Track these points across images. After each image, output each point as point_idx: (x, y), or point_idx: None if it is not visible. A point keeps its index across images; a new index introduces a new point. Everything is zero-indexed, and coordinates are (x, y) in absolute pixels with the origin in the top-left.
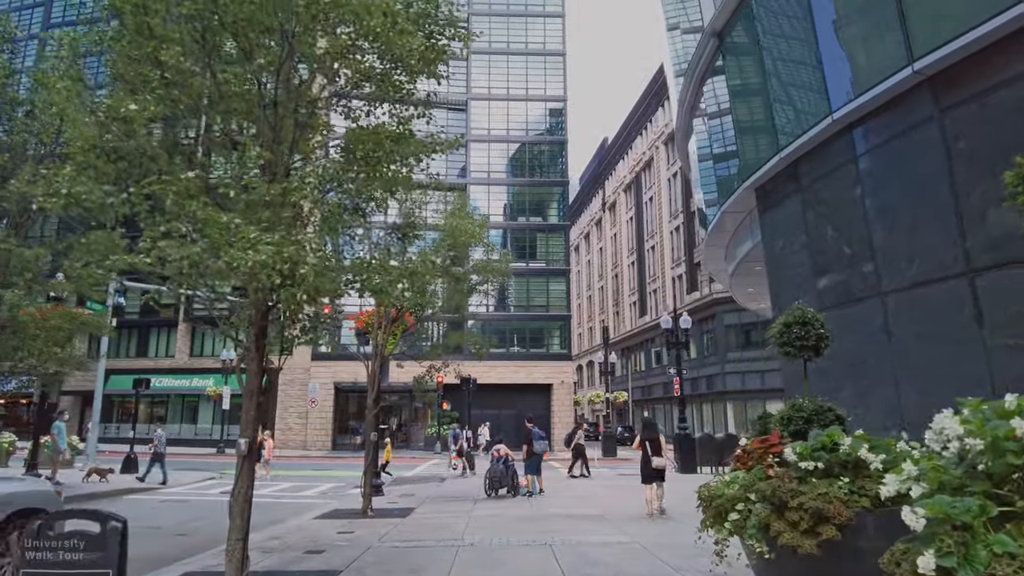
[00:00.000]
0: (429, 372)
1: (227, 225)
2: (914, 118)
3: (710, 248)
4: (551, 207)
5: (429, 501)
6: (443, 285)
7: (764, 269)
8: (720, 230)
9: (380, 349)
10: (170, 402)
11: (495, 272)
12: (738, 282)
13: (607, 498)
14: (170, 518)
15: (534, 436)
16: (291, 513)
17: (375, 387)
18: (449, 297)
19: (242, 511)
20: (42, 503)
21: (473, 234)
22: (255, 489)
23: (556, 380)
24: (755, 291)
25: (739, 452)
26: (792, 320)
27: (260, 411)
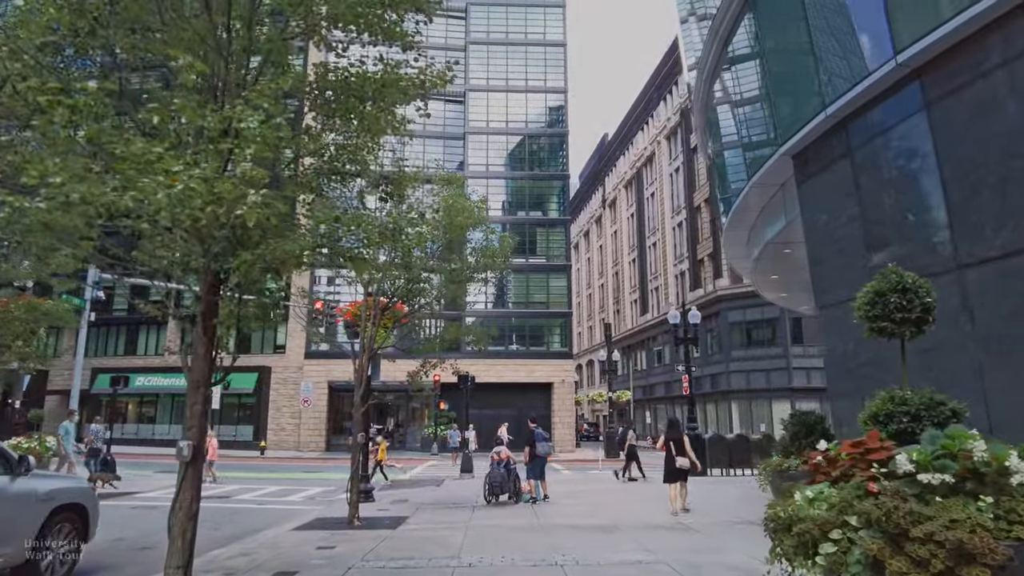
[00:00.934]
0: (424, 368)
1: (143, 156)
2: (1009, 51)
3: (732, 231)
4: (551, 201)
5: (424, 508)
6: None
7: (795, 251)
8: (745, 209)
9: (369, 342)
10: (159, 401)
11: (495, 257)
12: (762, 269)
13: (617, 505)
14: (139, 527)
15: (537, 437)
16: (272, 521)
17: (364, 383)
18: (445, 283)
19: (183, 531)
20: (81, 499)
21: (470, 214)
22: (244, 493)
23: (557, 379)
24: (781, 278)
25: (819, 458)
26: (888, 287)
27: (206, 405)
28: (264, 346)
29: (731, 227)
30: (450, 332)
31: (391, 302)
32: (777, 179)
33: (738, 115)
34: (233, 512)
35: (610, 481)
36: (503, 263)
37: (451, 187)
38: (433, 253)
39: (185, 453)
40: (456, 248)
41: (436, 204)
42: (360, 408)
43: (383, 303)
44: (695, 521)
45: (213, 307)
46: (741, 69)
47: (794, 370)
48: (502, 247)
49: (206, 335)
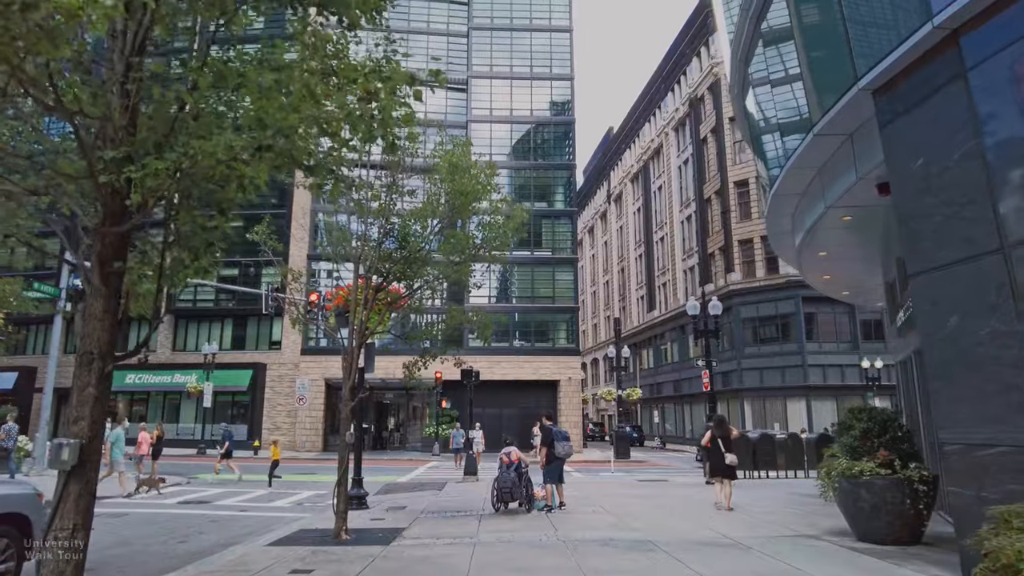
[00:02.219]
0: (423, 360)
1: None
2: None
3: (780, 198)
4: (557, 192)
5: (423, 518)
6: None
7: (860, 217)
8: (801, 167)
9: (360, 326)
10: (151, 399)
11: (506, 229)
12: (812, 245)
13: (645, 512)
14: (92, 541)
15: (556, 436)
16: (250, 531)
17: (353, 374)
18: (446, 257)
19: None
20: (23, 509)
21: (476, 180)
22: (228, 498)
23: (563, 376)
24: (836, 252)
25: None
26: None
27: (104, 388)
28: (259, 342)
29: (780, 194)
30: (452, 317)
31: (387, 277)
32: (846, 125)
33: (792, 55)
34: (209, 521)
35: (628, 484)
36: (513, 234)
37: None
38: (434, 228)
39: (65, 457)
40: (461, 215)
41: (436, 156)
42: (349, 402)
43: (376, 285)
44: (745, 535)
45: (116, 245)
46: None
47: (810, 367)
48: (513, 217)
49: (105, 286)
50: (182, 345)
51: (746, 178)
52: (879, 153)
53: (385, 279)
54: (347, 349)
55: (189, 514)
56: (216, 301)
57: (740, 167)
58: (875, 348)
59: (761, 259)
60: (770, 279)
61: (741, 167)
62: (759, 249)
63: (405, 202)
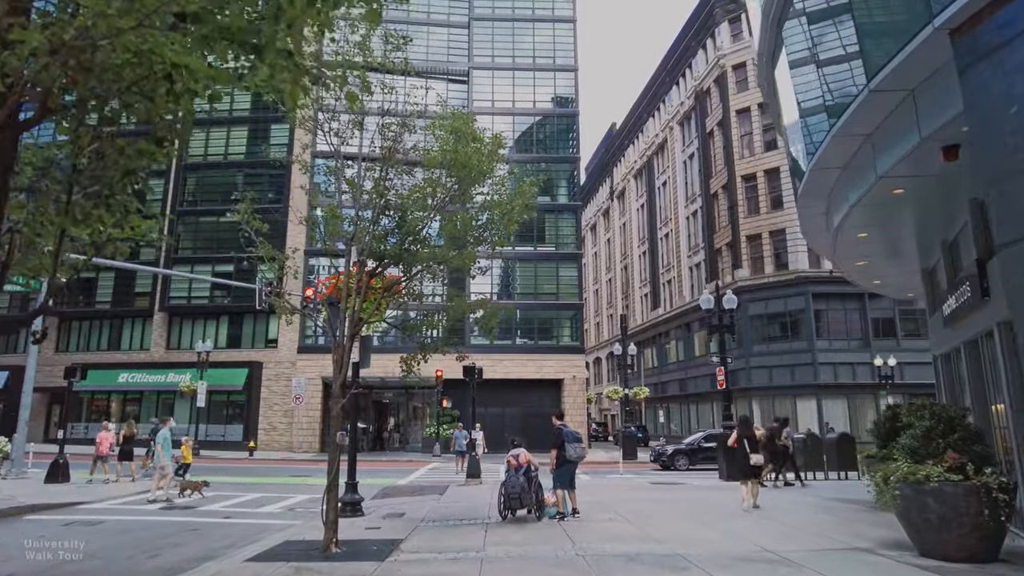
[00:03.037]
0: (423, 354)
1: None
2: None
3: (819, 173)
4: (560, 186)
5: (424, 527)
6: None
7: (914, 190)
8: (847, 134)
9: (354, 315)
10: (144, 399)
11: (513, 203)
12: (852, 225)
13: (668, 520)
14: (50, 555)
15: (566, 437)
16: (233, 542)
17: (343, 367)
18: (447, 237)
19: None
20: None
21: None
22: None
23: (567, 375)
24: (879, 234)
25: None
26: None
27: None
28: (255, 340)
29: (819, 167)
30: (455, 307)
31: (381, 266)
32: (910, 78)
33: (837, 7)
34: (190, 529)
35: (641, 488)
36: (521, 212)
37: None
38: (435, 206)
39: None
40: (463, 186)
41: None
42: (340, 399)
43: (371, 270)
44: (787, 548)
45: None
46: None
47: (820, 365)
48: (521, 193)
49: None
50: (176, 343)
51: (754, 172)
52: (948, 109)
53: (381, 263)
54: (337, 340)
55: (170, 521)
56: (211, 298)
57: (748, 161)
58: (887, 345)
59: (770, 255)
60: (779, 275)
61: (749, 160)
62: (767, 244)
63: (403, 179)
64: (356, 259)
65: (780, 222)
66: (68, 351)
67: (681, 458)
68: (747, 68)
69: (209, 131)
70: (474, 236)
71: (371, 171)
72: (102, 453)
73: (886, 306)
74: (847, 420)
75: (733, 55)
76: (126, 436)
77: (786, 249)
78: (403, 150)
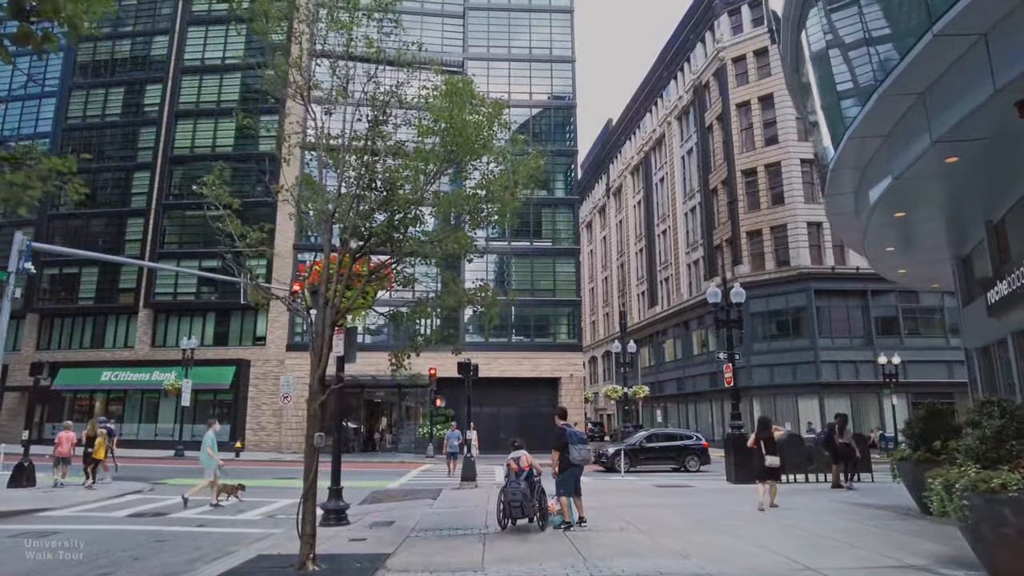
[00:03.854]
0: (414, 347)
1: None
2: None
3: (857, 143)
4: (557, 180)
5: (414, 538)
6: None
7: (971, 157)
8: (897, 92)
9: (334, 301)
10: (128, 398)
11: (516, 176)
12: (890, 203)
13: (684, 528)
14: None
15: (570, 438)
16: (200, 555)
17: (323, 359)
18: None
19: None
20: None
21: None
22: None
23: (564, 373)
24: (920, 213)
25: None
26: None
27: None
28: (243, 338)
29: (857, 135)
30: (449, 294)
31: (366, 247)
32: (982, 19)
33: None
34: (156, 540)
35: (647, 491)
36: (525, 185)
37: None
38: (429, 178)
39: None
40: (462, 157)
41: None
42: (318, 395)
43: (356, 250)
44: (830, 564)
45: None
46: None
47: (822, 364)
48: (525, 163)
49: None
50: (161, 341)
51: (754, 167)
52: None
53: (366, 243)
54: (316, 330)
55: (135, 531)
56: (197, 294)
57: (748, 155)
58: (890, 343)
59: (770, 251)
60: (780, 272)
61: (749, 155)
62: (768, 240)
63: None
64: (338, 239)
65: (781, 218)
66: (50, 349)
67: (623, 458)
68: (747, 61)
69: (196, 122)
70: (470, 210)
71: (357, 140)
72: (63, 454)
73: (889, 303)
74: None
75: (733, 48)
76: (89, 436)
77: (787, 245)
78: (393, 117)
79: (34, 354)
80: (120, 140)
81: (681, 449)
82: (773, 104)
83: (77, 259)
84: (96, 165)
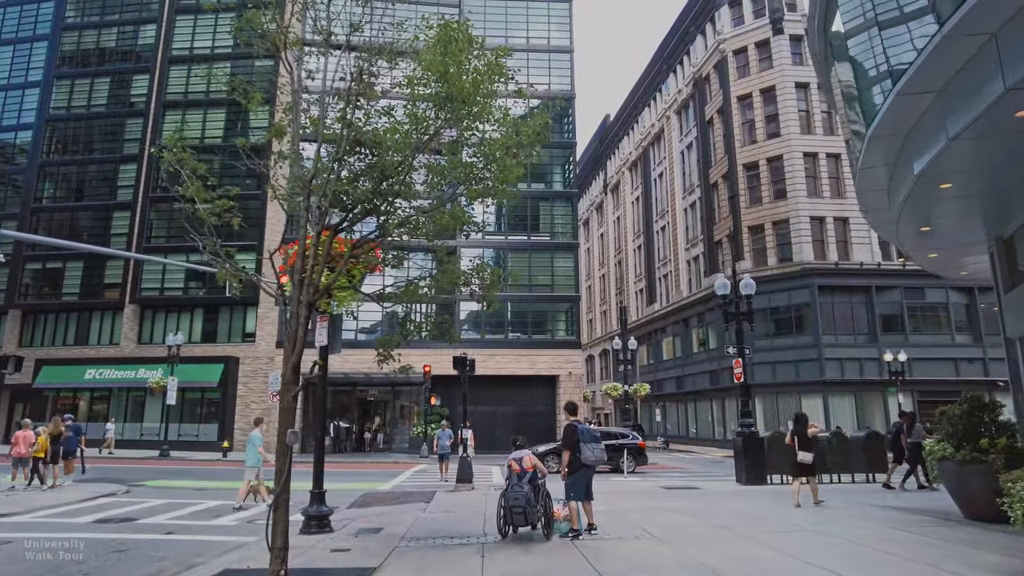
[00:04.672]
0: (404, 333)
1: None
2: None
3: (906, 100)
4: (556, 173)
5: (404, 548)
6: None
7: None
8: (963, 35)
9: (314, 280)
10: (113, 396)
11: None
12: (936, 173)
13: (707, 537)
14: None
15: (581, 435)
16: (161, 568)
17: (297, 347)
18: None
19: None
20: None
21: (476, 44)
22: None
23: (563, 371)
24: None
25: None
26: None
27: None
28: (231, 334)
29: (906, 95)
30: (444, 274)
31: (349, 219)
32: None
33: None
34: (116, 549)
35: (655, 494)
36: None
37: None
38: (421, 135)
39: None
40: (456, 110)
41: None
42: (291, 385)
43: (337, 223)
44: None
45: None
46: None
47: (826, 361)
48: (535, 118)
49: None
50: (148, 338)
51: (756, 160)
52: None
53: (350, 214)
54: (292, 311)
55: (94, 539)
56: (185, 289)
57: (750, 149)
58: (895, 340)
59: (773, 246)
60: (783, 267)
61: (751, 148)
62: (771, 236)
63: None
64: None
65: (784, 212)
66: (32, 346)
67: (550, 459)
68: (748, 53)
69: (185, 114)
70: (465, 177)
71: (339, 95)
72: (20, 454)
73: (894, 299)
74: (854, 418)
75: (734, 39)
76: (52, 435)
77: (790, 240)
78: (380, 68)
79: (16, 351)
80: (106, 132)
81: (617, 448)
82: (775, 96)
83: (61, 254)
84: (82, 157)
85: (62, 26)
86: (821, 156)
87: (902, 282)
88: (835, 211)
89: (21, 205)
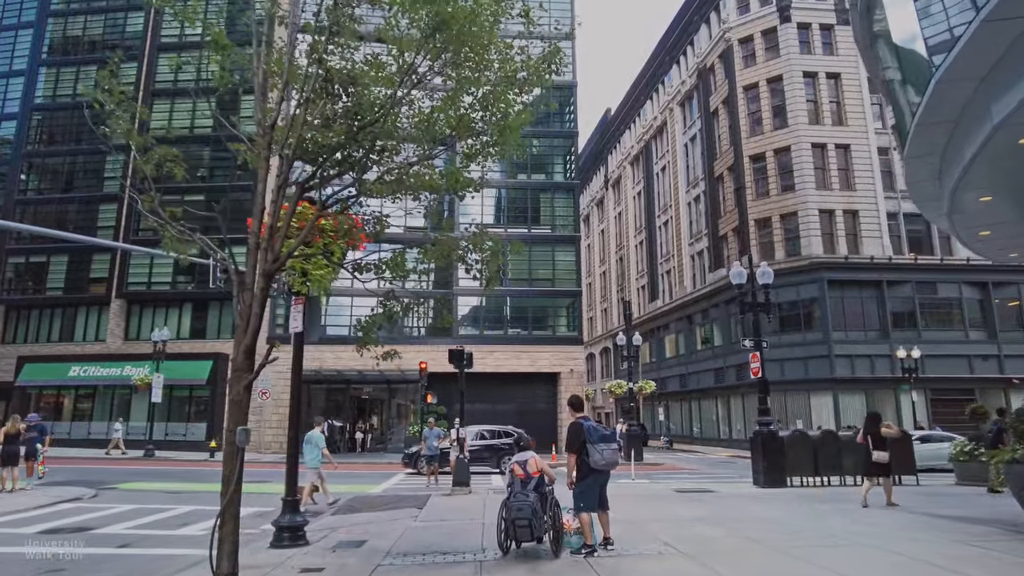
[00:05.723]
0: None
1: None
2: None
3: (966, 55)
4: (556, 164)
5: (388, 566)
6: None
7: None
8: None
9: (274, 246)
10: (98, 394)
11: (537, 71)
12: (1008, 137)
13: (742, 551)
14: None
15: (589, 435)
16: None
17: (249, 326)
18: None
19: None
20: None
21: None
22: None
23: (564, 368)
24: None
25: None
26: None
27: None
28: (221, 330)
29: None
30: (437, 249)
31: (320, 173)
32: None
33: None
34: (51, 568)
35: (669, 498)
36: (538, 81)
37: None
38: (404, 70)
39: None
40: (449, 42)
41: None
42: (243, 373)
43: (305, 179)
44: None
45: None
46: None
47: (836, 358)
48: (549, 54)
49: None
50: (135, 334)
51: (763, 152)
52: None
53: (320, 168)
54: (246, 283)
55: (31, 554)
56: (173, 284)
57: (756, 139)
58: (907, 337)
59: (780, 240)
60: (791, 261)
61: (757, 139)
62: (778, 229)
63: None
64: (276, 155)
65: (792, 205)
66: (15, 342)
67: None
68: (754, 42)
69: (174, 103)
70: (457, 125)
71: (308, 28)
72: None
73: (906, 295)
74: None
75: (740, 28)
76: (8, 434)
77: (798, 234)
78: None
79: (0, 347)
80: (93, 121)
81: (497, 449)
82: (782, 86)
83: (45, 247)
84: (68, 148)
85: (48, 13)
86: (830, 147)
87: (914, 276)
88: (845, 204)
89: (5, 197)
